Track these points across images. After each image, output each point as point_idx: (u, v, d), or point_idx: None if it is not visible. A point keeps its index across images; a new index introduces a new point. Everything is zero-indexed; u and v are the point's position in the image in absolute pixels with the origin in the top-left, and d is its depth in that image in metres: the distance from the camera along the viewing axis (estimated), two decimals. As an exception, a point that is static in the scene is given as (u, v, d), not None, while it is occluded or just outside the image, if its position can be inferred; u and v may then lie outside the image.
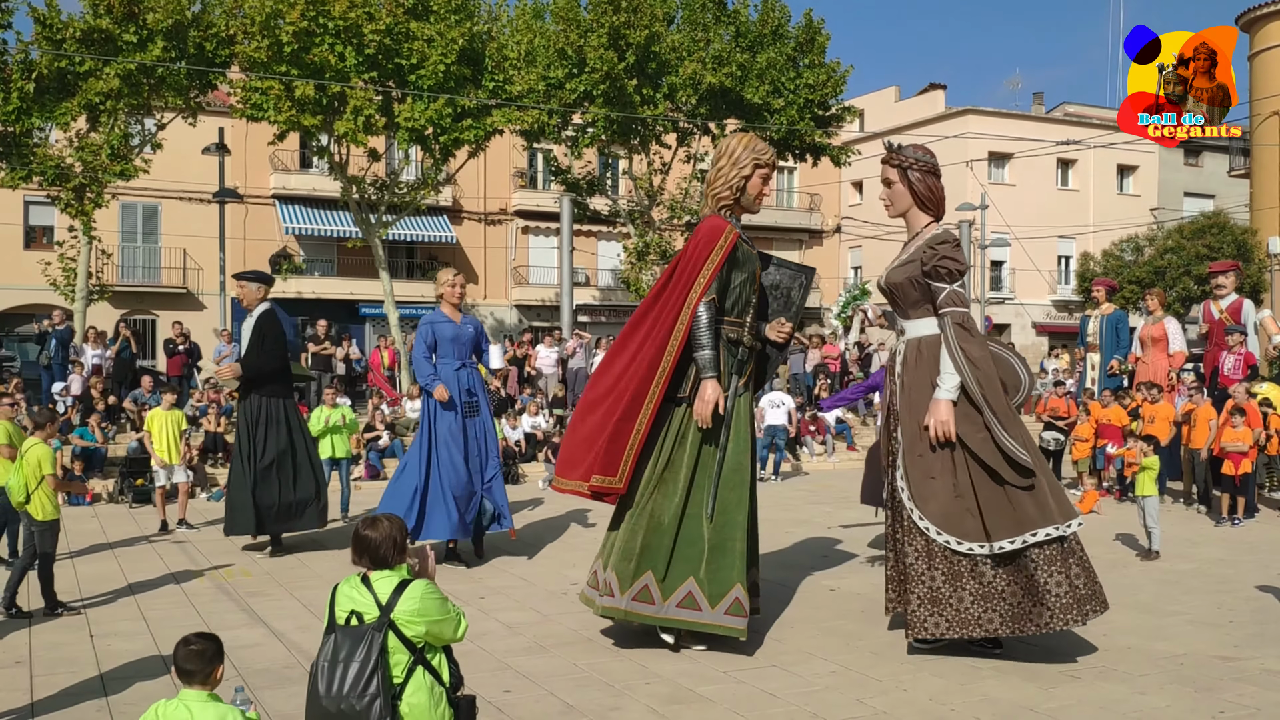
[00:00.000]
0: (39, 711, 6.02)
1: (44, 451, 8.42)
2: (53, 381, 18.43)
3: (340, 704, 4.06)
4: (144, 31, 20.10)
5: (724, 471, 7.03)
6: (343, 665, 4.10)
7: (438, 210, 36.87)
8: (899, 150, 7.45)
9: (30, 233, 33.53)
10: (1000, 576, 6.61)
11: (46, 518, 8.32)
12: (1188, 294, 35.92)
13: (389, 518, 4.42)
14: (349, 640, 4.15)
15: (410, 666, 4.20)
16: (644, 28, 24.91)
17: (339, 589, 4.34)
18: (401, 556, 4.36)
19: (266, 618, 8.17)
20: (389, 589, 4.24)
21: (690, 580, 6.80)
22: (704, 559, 6.83)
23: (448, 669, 4.34)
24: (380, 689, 4.07)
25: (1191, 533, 12.12)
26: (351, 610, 4.22)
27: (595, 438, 7.12)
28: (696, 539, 6.88)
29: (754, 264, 7.40)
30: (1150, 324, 15.38)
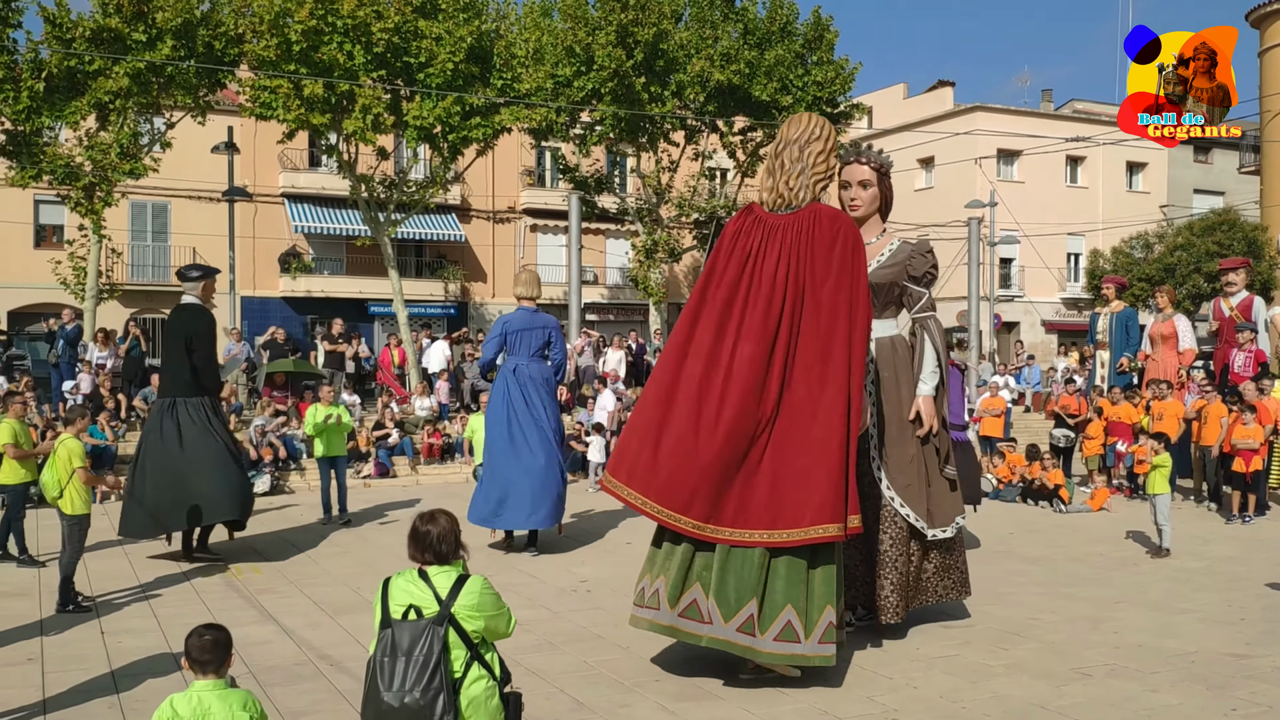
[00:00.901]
0: (51, 708, 6.03)
1: (75, 445, 8.50)
2: (62, 380, 18.48)
3: (404, 698, 4.06)
4: (153, 30, 20.14)
5: None
6: (404, 660, 4.09)
7: (446, 209, 36.91)
8: (879, 155, 7.77)
9: (40, 232, 33.62)
10: (935, 559, 7.43)
11: (77, 512, 8.42)
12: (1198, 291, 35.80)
13: (445, 512, 4.41)
14: (408, 635, 4.13)
15: (467, 662, 4.21)
16: (652, 25, 24.90)
17: (392, 584, 4.32)
18: (459, 551, 4.36)
19: (277, 615, 8.19)
20: (448, 584, 4.24)
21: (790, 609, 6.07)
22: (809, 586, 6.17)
23: (498, 664, 4.35)
24: (444, 683, 4.07)
25: (1202, 530, 12.08)
26: (409, 605, 4.21)
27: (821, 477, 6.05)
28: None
29: None
30: (1160, 321, 15.34)
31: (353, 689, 6.28)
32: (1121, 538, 11.49)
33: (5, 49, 19.66)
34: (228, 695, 3.95)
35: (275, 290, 36.12)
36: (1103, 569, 9.86)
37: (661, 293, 29.25)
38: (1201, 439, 13.71)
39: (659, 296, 29.05)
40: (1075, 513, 13.36)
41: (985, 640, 7.31)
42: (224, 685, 3.98)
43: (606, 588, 9.04)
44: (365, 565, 10.20)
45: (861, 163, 7.56)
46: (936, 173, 41.89)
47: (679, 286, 41.14)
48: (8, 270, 31.93)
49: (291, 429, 17.40)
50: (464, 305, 38.45)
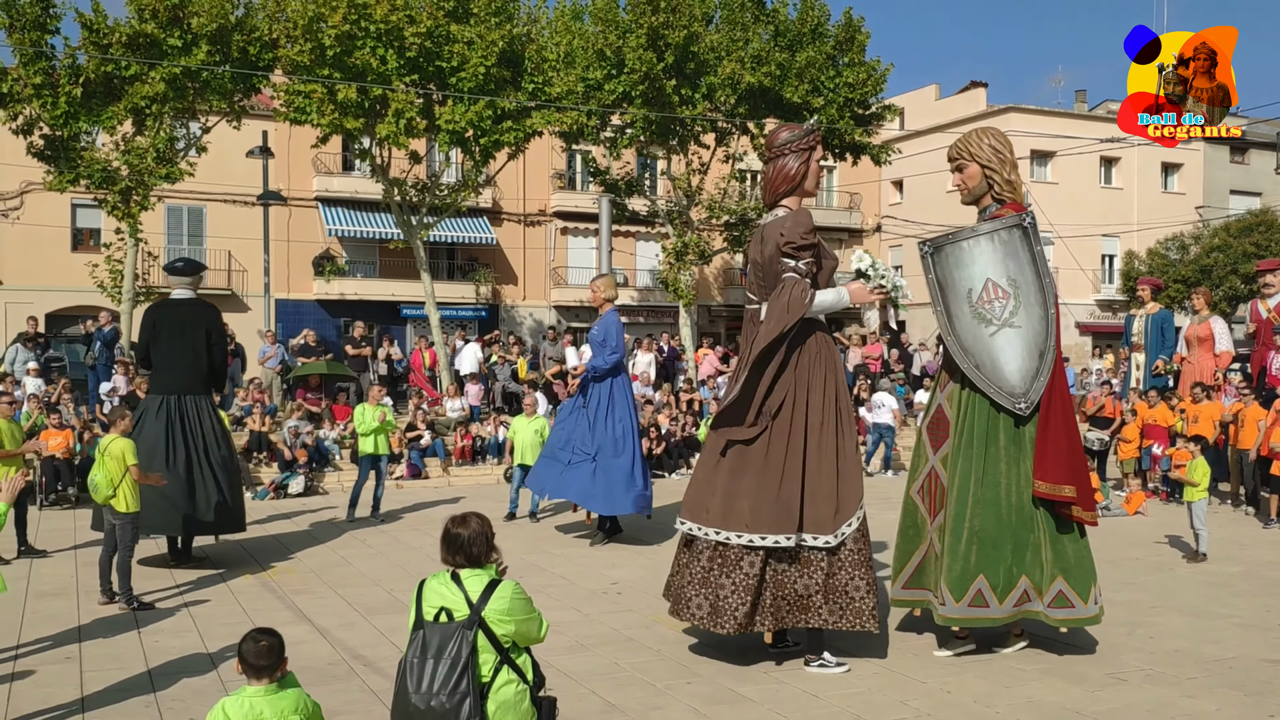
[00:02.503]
0: (89, 706, 6.11)
1: (127, 445, 8.66)
2: (99, 382, 18.68)
3: (430, 700, 4.08)
4: (188, 36, 20.32)
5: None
6: (433, 662, 4.12)
7: (478, 212, 37.02)
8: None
9: (78, 235, 33.99)
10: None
11: (129, 510, 8.60)
12: (1234, 293, 35.40)
13: (477, 515, 4.42)
14: (438, 637, 4.16)
15: (497, 665, 4.22)
16: (683, 28, 24.88)
17: (426, 585, 4.34)
18: (491, 554, 4.38)
19: (311, 615, 8.25)
20: (479, 587, 4.26)
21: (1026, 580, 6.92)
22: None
23: (531, 668, 4.36)
24: (470, 687, 4.09)
25: (1240, 534, 11.95)
26: (441, 607, 4.23)
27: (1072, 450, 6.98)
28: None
29: None
30: (1196, 323, 15.19)
31: (385, 689, 6.31)
32: (1157, 542, 11.39)
33: (43, 55, 19.90)
34: (279, 699, 4.00)
35: (309, 293, 36.36)
36: (1138, 573, 9.77)
37: (692, 295, 29.20)
38: (1239, 442, 13.56)
39: (689, 299, 29.01)
40: (1111, 516, 13.25)
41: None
42: (276, 689, 4.02)
43: (637, 590, 9.05)
44: (398, 566, 10.25)
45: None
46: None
47: (709, 289, 41.07)
48: (46, 273, 32.31)
49: (325, 431, 17.53)
50: (495, 308, 38.56)
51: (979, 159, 7.16)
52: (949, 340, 7.08)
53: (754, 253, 7.12)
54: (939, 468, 7.15)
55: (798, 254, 6.72)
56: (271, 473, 16.28)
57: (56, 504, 14.55)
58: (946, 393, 7.24)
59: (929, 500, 7.19)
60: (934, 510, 7.15)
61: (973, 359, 6.92)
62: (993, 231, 6.98)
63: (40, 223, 32.34)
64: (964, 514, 6.85)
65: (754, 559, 6.62)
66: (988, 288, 6.94)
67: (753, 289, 7.15)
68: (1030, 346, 6.86)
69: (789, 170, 6.97)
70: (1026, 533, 6.85)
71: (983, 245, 6.99)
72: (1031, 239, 6.97)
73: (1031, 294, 6.90)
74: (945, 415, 7.17)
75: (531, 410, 14.05)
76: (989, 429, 6.95)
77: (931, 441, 7.25)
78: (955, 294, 7.03)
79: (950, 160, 7.36)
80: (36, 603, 8.75)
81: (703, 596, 6.70)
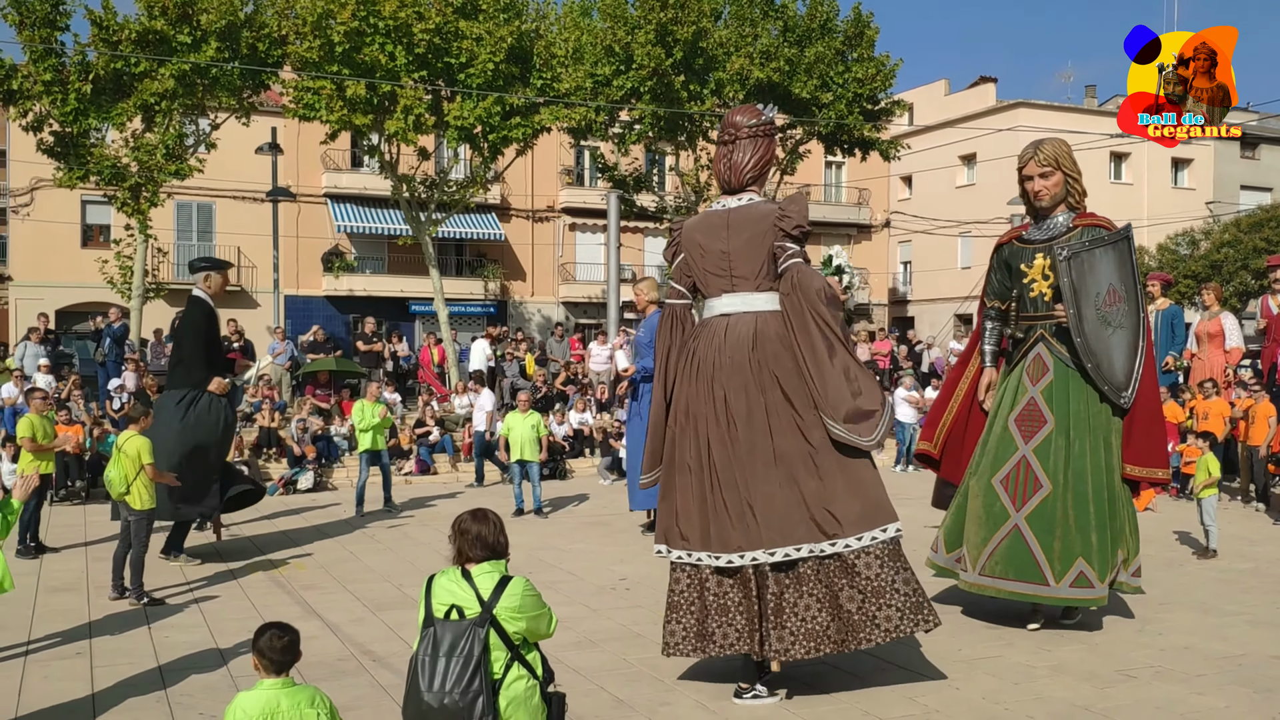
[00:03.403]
0: (99, 702, 6.13)
1: (142, 443, 8.71)
2: (108, 378, 18.74)
3: (443, 699, 4.08)
4: (198, 33, 20.37)
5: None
6: (445, 660, 4.12)
7: (486, 208, 37.04)
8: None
9: (87, 231, 34.09)
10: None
11: (144, 508, 8.67)
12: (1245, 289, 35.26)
13: (490, 511, 4.44)
14: (449, 635, 4.16)
15: (508, 662, 4.22)
16: (691, 23, 24.86)
17: (436, 582, 4.33)
18: (505, 550, 4.39)
19: (320, 610, 8.27)
20: (490, 584, 4.25)
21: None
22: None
23: (541, 664, 4.37)
24: (483, 685, 4.10)
25: (1250, 531, 11.92)
26: (451, 604, 4.23)
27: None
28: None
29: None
30: (1206, 319, 15.13)
31: (395, 684, 6.33)
32: (1167, 538, 11.36)
33: (53, 52, 19.96)
34: (295, 693, 4.01)
35: (318, 289, 36.42)
36: (1148, 569, 9.72)
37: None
38: (1249, 439, 13.51)
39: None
40: (1119, 513, 13.21)
41: (1028, 641, 7.25)
42: (290, 683, 4.04)
43: (646, 585, 9.05)
44: (407, 562, 10.28)
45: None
46: (979, 169, 41.53)
47: (718, 285, 41.00)
48: (56, 269, 32.41)
49: (335, 427, 17.56)
50: (503, 304, 38.59)
51: (1064, 167, 7.65)
52: (1077, 340, 7.44)
53: (711, 241, 6.34)
54: (1032, 458, 7.44)
55: (802, 239, 6.32)
56: (281, 468, 16.33)
57: (67, 499, 14.61)
58: (1041, 386, 7.60)
59: (1016, 488, 7.44)
60: (1021, 498, 7.39)
61: (1095, 358, 7.44)
62: (1115, 242, 7.54)
63: (50, 219, 32.44)
64: (1100, 498, 7.35)
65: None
66: (1110, 293, 7.46)
67: (700, 280, 6.42)
68: (1132, 346, 7.49)
69: (758, 156, 6.46)
70: (1114, 515, 7.45)
71: (1109, 254, 7.51)
72: (1133, 249, 7.61)
73: (1133, 299, 7.52)
74: (1040, 409, 7.54)
75: (525, 406, 14.10)
76: (1095, 420, 7.48)
77: (1022, 433, 7.56)
78: (1086, 297, 7.46)
79: (1039, 165, 7.66)
80: (47, 598, 8.79)
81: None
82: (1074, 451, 7.38)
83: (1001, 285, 8.04)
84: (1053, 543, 7.20)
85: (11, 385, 16.63)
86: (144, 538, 8.68)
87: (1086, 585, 7.15)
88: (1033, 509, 7.31)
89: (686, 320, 6.51)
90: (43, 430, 10.72)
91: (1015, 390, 7.71)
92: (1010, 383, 7.81)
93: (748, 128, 6.47)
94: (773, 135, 6.62)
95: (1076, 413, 7.46)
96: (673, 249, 6.59)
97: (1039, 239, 7.73)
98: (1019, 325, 7.93)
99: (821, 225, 42.78)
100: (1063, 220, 7.69)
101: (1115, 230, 7.59)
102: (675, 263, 6.56)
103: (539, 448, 13.76)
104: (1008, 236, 8.13)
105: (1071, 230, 7.60)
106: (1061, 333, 7.55)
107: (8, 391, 16.49)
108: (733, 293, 6.29)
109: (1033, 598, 7.31)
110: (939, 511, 11.42)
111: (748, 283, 6.26)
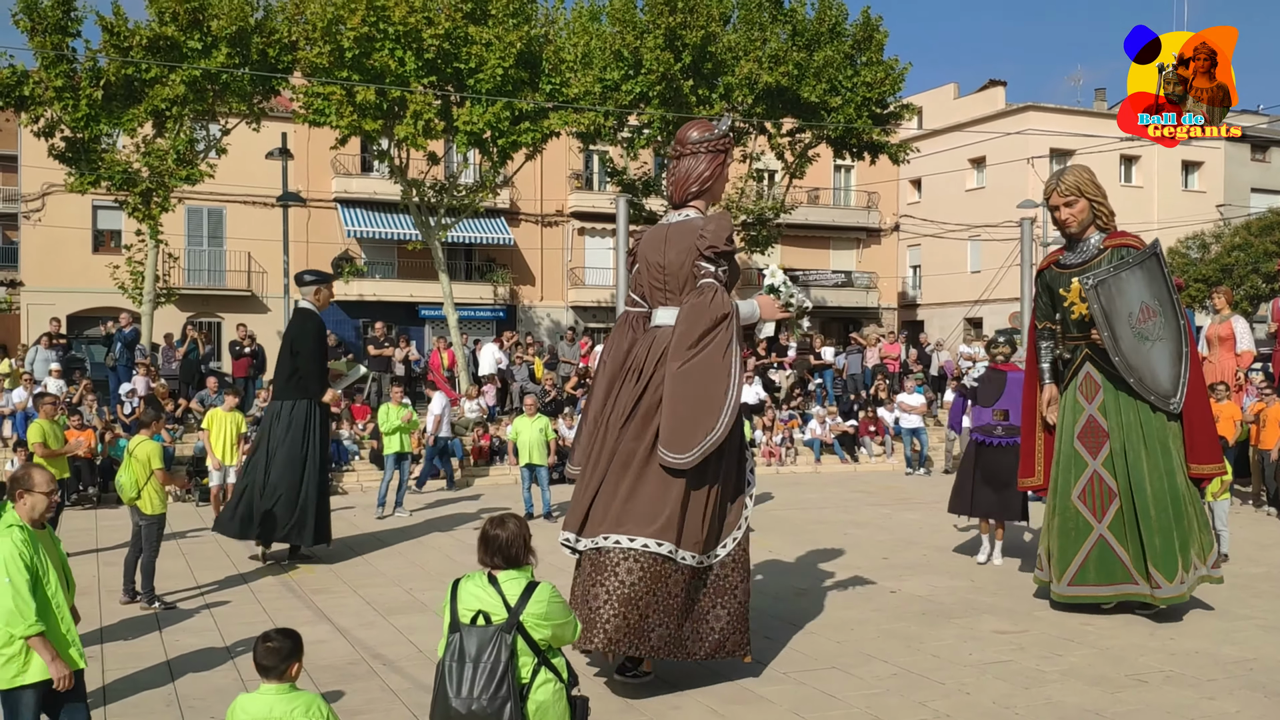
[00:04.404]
0: (110, 704, 6.15)
1: (153, 448, 8.75)
2: (119, 383, 18.80)
3: (471, 705, 4.09)
4: (208, 38, 20.44)
5: None
6: (472, 666, 4.12)
7: (495, 212, 37.07)
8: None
9: (99, 237, 34.19)
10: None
11: (154, 512, 8.68)
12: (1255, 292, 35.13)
13: (515, 517, 4.43)
14: (476, 641, 4.16)
15: (535, 667, 4.23)
16: (700, 28, 24.88)
17: (461, 587, 4.32)
18: (528, 556, 4.38)
19: (331, 614, 8.29)
20: (517, 590, 4.26)
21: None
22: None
23: (565, 667, 4.37)
24: (510, 691, 4.10)
25: (1261, 535, 11.88)
26: (478, 610, 4.22)
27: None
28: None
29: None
30: (1217, 322, 15.09)
31: (405, 688, 6.35)
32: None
33: (65, 58, 20.06)
34: (293, 698, 4.02)
35: (328, 294, 36.48)
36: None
37: (709, 295, 29.24)
38: (1260, 442, 13.47)
39: (707, 299, 29.07)
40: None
41: (1039, 646, 7.24)
42: (290, 688, 4.05)
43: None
44: (417, 566, 10.30)
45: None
46: (988, 173, 41.46)
47: (727, 289, 40.99)
48: (67, 274, 32.51)
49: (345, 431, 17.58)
50: (513, 308, 38.61)
51: (1086, 193, 8.07)
52: (1117, 360, 7.81)
53: (652, 253, 6.66)
54: (1102, 471, 7.92)
55: (718, 260, 6.40)
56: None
57: (78, 504, 14.65)
58: (1096, 404, 8.02)
59: (1094, 500, 7.92)
60: (1099, 510, 7.90)
61: (1136, 374, 7.80)
62: (1141, 261, 7.85)
63: (62, 224, 32.55)
64: (1163, 502, 7.72)
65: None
66: (1143, 310, 7.81)
67: (646, 291, 6.78)
68: (1174, 354, 7.84)
69: (701, 172, 6.67)
70: (1187, 512, 7.83)
71: (1137, 274, 7.84)
72: (1162, 263, 7.93)
73: (1169, 309, 7.86)
74: (1099, 424, 7.98)
75: (532, 410, 14.14)
76: (1149, 429, 7.85)
77: (1089, 449, 8.00)
78: (1119, 319, 7.82)
79: (1061, 195, 8.10)
80: (59, 602, 8.80)
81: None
82: (1131, 461, 7.81)
83: (1046, 307, 8.47)
84: (1128, 546, 7.76)
85: (22, 390, 16.70)
86: (155, 543, 8.70)
87: (1160, 584, 7.59)
88: (1112, 518, 7.87)
89: (637, 327, 6.80)
90: (54, 435, 10.76)
91: (1073, 409, 8.17)
92: (1067, 401, 8.25)
93: (692, 144, 6.70)
94: (724, 150, 6.78)
95: (1131, 424, 7.89)
96: (630, 258, 6.99)
97: (1074, 263, 8.18)
98: (1065, 345, 8.31)
99: (830, 229, 42.74)
100: (1095, 242, 8.11)
101: (1143, 249, 7.92)
102: (633, 272, 6.94)
103: (547, 451, 13.84)
104: (1046, 262, 8.55)
105: (1102, 252, 8.02)
106: (1103, 352, 7.91)
107: (18, 396, 16.56)
108: (665, 305, 6.62)
109: (1121, 597, 7.84)
110: (950, 516, 11.45)
111: (675, 297, 6.55)
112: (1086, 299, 7.86)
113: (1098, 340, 7.89)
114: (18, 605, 4.43)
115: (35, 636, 4.45)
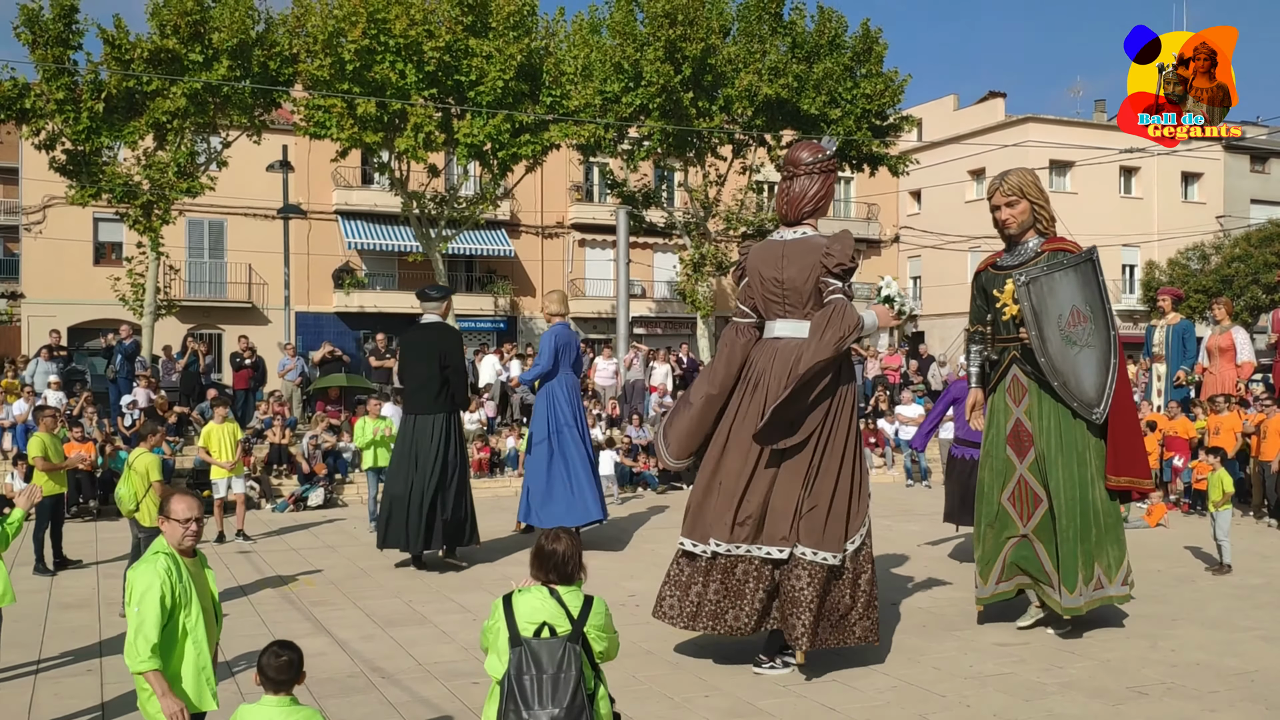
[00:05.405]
0: (110, 716, 6.14)
1: (151, 460, 8.76)
2: (120, 395, 18.79)
3: (548, 717, 4.09)
4: (209, 51, 20.50)
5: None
6: (550, 679, 4.12)
7: (496, 224, 37.14)
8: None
9: (100, 249, 34.24)
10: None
11: (153, 524, 8.60)
12: (1256, 303, 35.17)
13: (569, 533, 4.42)
14: (545, 652, 4.15)
15: (595, 680, 4.28)
16: (700, 40, 24.93)
17: (518, 601, 4.29)
18: (580, 571, 4.39)
19: (330, 627, 8.27)
20: (577, 604, 4.27)
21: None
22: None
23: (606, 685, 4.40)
24: (584, 700, 4.13)
25: (1263, 546, 11.86)
26: (542, 622, 4.22)
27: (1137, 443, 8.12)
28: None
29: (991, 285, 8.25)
30: (1217, 333, 15.09)
31: (405, 701, 6.33)
32: (1180, 554, 11.31)
33: (66, 71, 20.11)
34: (294, 713, 4.03)
35: (329, 305, 36.51)
36: (1160, 586, 9.71)
37: (709, 306, 29.22)
38: (1261, 454, 13.45)
39: (706, 310, 29.03)
40: (1131, 529, 13.14)
41: (1040, 658, 7.23)
42: (292, 701, 4.06)
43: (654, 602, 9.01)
44: (416, 578, 10.28)
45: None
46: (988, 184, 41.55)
47: (726, 300, 41.00)
48: (68, 287, 32.54)
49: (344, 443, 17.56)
50: (513, 320, 38.65)
51: (1029, 195, 8.00)
52: (1042, 361, 7.71)
53: (766, 269, 7.21)
54: (1028, 475, 7.87)
55: (845, 276, 6.97)
56: (291, 485, 16.34)
57: (78, 516, 14.63)
58: (1023, 407, 7.93)
59: (1020, 505, 7.90)
60: (1025, 514, 7.86)
61: (1061, 377, 7.70)
62: (1076, 264, 7.77)
63: (62, 236, 32.60)
64: (1072, 512, 7.64)
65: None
66: (1073, 314, 7.73)
67: (760, 304, 7.30)
68: (1102, 363, 7.75)
69: (816, 192, 7.30)
70: (1097, 524, 7.74)
71: (1070, 277, 7.77)
72: (1098, 270, 7.85)
73: (1100, 317, 7.79)
74: (1026, 427, 7.89)
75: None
76: (1067, 437, 7.76)
77: (1016, 452, 7.94)
78: (1048, 320, 7.75)
79: (1004, 195, 8.04)
80: (58, 615, 8.81)
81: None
82: (1049, 468, 7.74)
83: (980, 310, 8.39)
84: (1049, 550, 7.71)
85: (23, 402, 16.70)
86: None
87: (1061, 593, 7.56)
88: (1037, 522, 7.81)
89: (746, 335, 7.34)
90: (54, 449, 10.76)
91: (1003, 411, 8.09)
92: (997, 404, 8.17)
93: (805, 165, 7.28)
94: (831, 170, 7.39)
95: (1052, 430, 7.80)
96: (739, 272, 7.50)
97: (1010, 264, 8.08)
98: (994, 347, 8.24)
99: (831, 240, 42.72)
100: (1033, 245, 8.00)
101: (1079, 253, 7.85)
102: (741, 285, 7.44)
103: None
104: (984, 264, 8.47)
105: (1039, 255, 7.92)
106: (1030, 354, 7.83)
107: (19, 409, 16.56)
108: (785, 318, 7.12)
109: (1035, 589, 7.83)
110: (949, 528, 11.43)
111: (798, 310, 7.08)
112: (1018, 298, 7.78)
113: (1026, 340, 7.79)
114: (135, 639, 4.36)
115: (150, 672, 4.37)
